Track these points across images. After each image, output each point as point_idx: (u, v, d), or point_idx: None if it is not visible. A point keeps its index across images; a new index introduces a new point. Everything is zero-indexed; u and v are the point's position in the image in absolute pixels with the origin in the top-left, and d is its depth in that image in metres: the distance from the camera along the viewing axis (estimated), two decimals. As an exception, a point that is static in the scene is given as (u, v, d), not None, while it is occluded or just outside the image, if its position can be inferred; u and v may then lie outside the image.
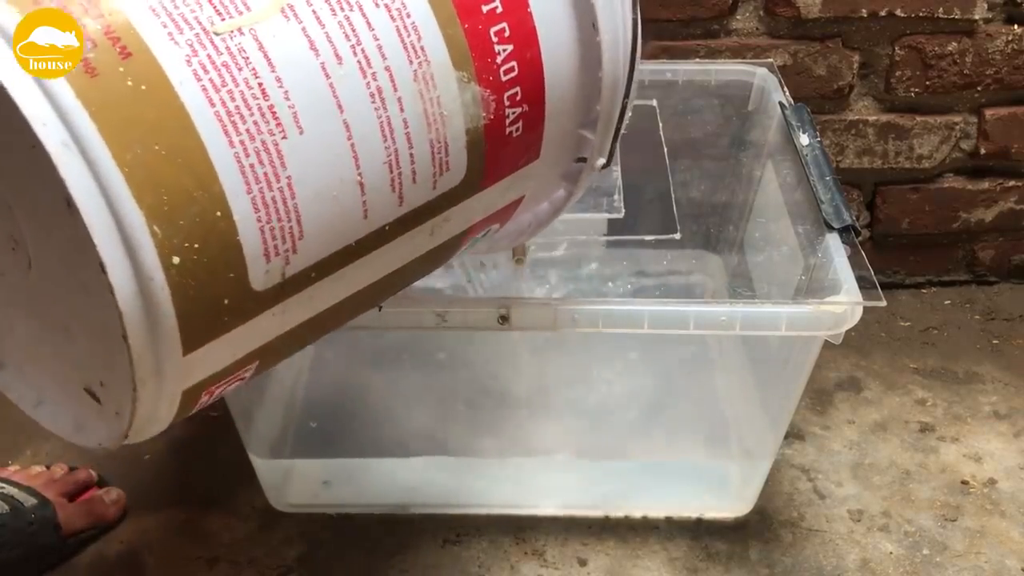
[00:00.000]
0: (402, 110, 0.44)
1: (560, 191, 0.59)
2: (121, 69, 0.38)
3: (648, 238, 0.80)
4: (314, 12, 0.42)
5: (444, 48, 0.45)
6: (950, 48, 0.94)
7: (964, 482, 0.82)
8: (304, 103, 0.41)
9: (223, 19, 0.40)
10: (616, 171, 0.78)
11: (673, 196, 0.80)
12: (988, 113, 0.98)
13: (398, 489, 0.80)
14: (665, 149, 0.83)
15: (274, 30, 0.41)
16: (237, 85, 0.40)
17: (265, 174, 0.40)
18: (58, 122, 0.36)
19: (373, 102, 0.43)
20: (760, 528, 0.78)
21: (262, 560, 0.76)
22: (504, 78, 0.47)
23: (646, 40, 0.93)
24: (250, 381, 0.49)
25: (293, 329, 0.47)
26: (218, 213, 0.39)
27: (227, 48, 0.40)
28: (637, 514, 0.79)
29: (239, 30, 0.40)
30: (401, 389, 0.85)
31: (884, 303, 0.61)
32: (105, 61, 0.37)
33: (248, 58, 0.40)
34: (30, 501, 0.73)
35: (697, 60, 0.94)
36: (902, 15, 0.92)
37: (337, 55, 0.42)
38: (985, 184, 1.02)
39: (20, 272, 0.43)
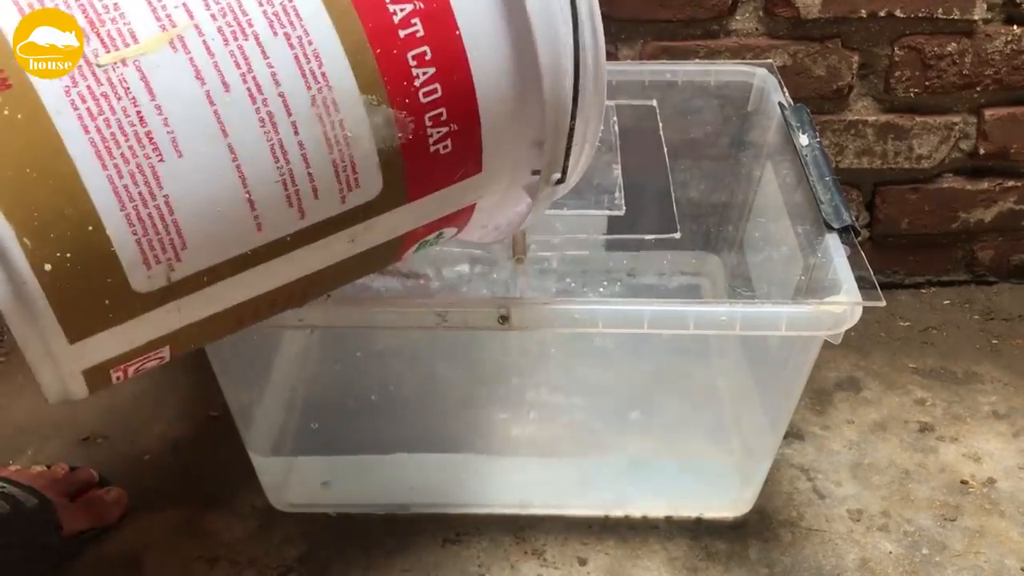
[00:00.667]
0: (296, 133, 0.46)
1: (527, 198, 0.58)
2: None
3: (648, 237, 0.80)
4: (204, 42, 0.44)
5: (350, 73, 0.46)
6: (949, 48, 0.94)
7: (963, 482, 0.83)
8: (184, 129, 0.44)
9: (108, 51, 0.43)
10: (617, 169, 0.78)
11: (673, 196, 0.80)
12: (987, 113, 0.98)
13: (398, 488, 0.80)
14: (665, 149, 0.84)
15: (158, 61, 0.43)
16: (114, 113, 0.43)
17: (140, 193, 0.43)
18: None
19: (263, 126, 0.45)
20: (760, 528, 0.78)
21: (262, 560, 0.76)
22: (424, 100, 0.48)
23: (646, 40, 0.94)
24: (173, 360, 0.52)
25: (200, 321, 0.50)
26: (90, 228, 0.43)
27: (108, 79, 0.43)
28: (637, 514, 0.79)
29: (123, 61, 0.43)
30: (401, 387, 0.85)
31: (884, 303, 0.62)
32: None
33: (128, 88, 0.43)
34: (31, 501, 0.73)
35: (697, 60, 0.94)
36: (901, 15, 0.92)
37: (224, 83, 0.44)
38: (984, 184, 1.02)
39: None
